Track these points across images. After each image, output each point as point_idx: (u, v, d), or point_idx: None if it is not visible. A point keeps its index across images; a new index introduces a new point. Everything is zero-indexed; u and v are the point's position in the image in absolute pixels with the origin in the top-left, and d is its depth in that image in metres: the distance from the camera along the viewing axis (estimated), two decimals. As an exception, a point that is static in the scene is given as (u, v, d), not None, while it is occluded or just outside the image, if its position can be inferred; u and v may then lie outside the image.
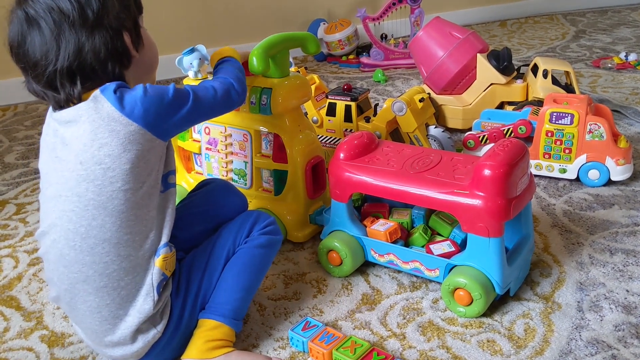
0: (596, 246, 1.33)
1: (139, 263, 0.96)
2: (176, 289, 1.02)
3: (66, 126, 0.95)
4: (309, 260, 1.34)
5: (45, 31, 0.92)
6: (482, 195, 1.07)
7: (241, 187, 1.45)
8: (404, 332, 1.11)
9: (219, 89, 1.06)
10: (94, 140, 0.91)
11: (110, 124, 0.91)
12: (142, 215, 0.95)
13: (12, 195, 1.74)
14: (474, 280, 1.09)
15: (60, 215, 0.94)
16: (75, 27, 0.92)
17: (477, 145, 1.73)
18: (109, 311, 0.96)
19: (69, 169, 0.93)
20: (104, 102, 0.92)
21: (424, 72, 2.02)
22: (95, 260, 0.94)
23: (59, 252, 0.95)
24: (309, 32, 1.51)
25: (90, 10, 0.92)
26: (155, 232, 0.97)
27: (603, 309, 1.14)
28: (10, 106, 2.59)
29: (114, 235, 0.93)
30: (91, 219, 0.92)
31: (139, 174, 0.93)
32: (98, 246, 0.93)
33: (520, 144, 1.13)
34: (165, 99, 0.96)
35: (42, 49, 0.92)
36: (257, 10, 3.03)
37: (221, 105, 1.08)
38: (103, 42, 0.93)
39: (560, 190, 1.59)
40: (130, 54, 0.98)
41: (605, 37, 3.19)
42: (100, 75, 0.95)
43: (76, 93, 0.94)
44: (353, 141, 1.27)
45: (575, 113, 1.54)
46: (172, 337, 1.02)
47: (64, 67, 0.92)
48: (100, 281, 0.94)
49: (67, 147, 0.94)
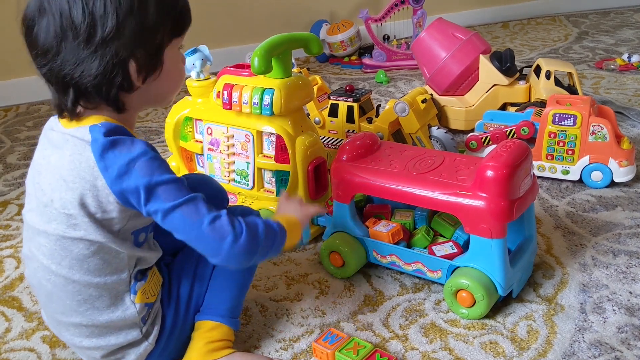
0: (599, 248, 1.33)
1: (115, 302, 0.92)
2: (167, 296, 1.00)
3: (54, 150, 0.90)
4: (311, 261, 1.34)
5: (51, 29, 0.84)
6: (485, 196, 1.07)
7: (243, 187, 1.44)
8: (407, 334, 1.10)
9: (216, 228, 0.87)
10: (65, 181, 0.86)
11: (82, 170, 0.86)
12: (111, 261, 0.90)
13: (14, 196, 1.74)
14: (477, 282, 1.09)
15: (37, 246, 0.91)
16: (78, 40, 0.83)
17: (479, 147, 1.72)
18: (89, 341, 0.94)
19: (43, 203, 0.89)
20: (86, 146, 0.86)
21: (426, 73, 2.02)
22: (68, 297, 0.91)
23: (38, 281, 0.93)
24: (312, 33, 1.51)
25: (102, 29, 0.82)
26: (128, 273, 0.92)
27: (606, 310, 1.13)
28: (12, 107, 2.59)
29: (82, 278, 0.89)
30: (60, 259, 0.89)
31: (103, 229, 0.88)
32: (69, 285, 0.90)
33: (523, 145, 1.13)
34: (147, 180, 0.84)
35: (45, 43, 0.85)
36: (260, 11, 3.03)
37: (204, 236, 0.87)
38: (103, 65, 0.84)
39: (563, 191, 1.59)
40: (132, 83, 0.87)
41: (608, 38, 3.18)
42: (94, 96, 0.87)
43: (69, 104, 0.87)
44: (355, 142, 1.27)
45: (578, 114, 1.53)
46: (167, 344, 1.00)
47: (59, 73, 0.85)
48: (75, 317, 0.92)
49: (49, 173, 0.89)
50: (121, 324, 0.93)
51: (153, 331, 0.97)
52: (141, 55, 0.86)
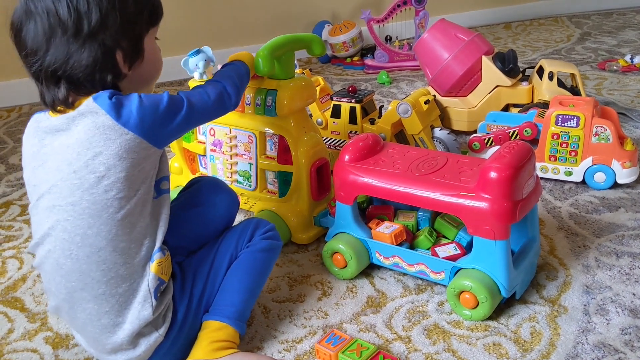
0: (602, 249, 1.33)
1: (135, 270, 0.95)
2: (180, 292, 1.02)
3: (56, 135, 0.94)
4: (314, 263, 1.34)
5: (39, 29, 0.91)
6: (488, 197, 1.07)
7: (246, 188, 1.44)
8: (410, 335, 1.10)
9: (211, 93, 1.06)
10: (88, 148, 0.91)
11: (105, 133, 0.91)
12: (137, 223, 0.95)
13: (17, 197, 1.74)
14: (480, 283, 1.09)
15: (54, 225, 0.93)
16: (67, 35, 0.91)
17: (482, 148, 1.72)
18: (108, 318, 0.95)
19: (61, 179, 0.92)
20: (98, 111, 0.92)
21: (429, 74, 2.02)
22: (92, 268, 0.93)
23: (54, 262, 0.95)
24: (314, 34, 1.51)
25: (88, 22, 0.91)
26: (150, 239, 0.97)
27: (610, 312, 1.13)
28: (14, 107, 2.60)
29: (109, 243, 0.92)
30: (86, 228, 0.92)
31: (134, 182, 0.93)
32: (94, 254, 0.92)
33: (527, 146, 1.12)
34: (159, 107, 0.95)
35: (34, 43, 0.92)
36: (262, 12, 3.03)
37: (214, 109, 1.07)
38: (92, 56, 0.92)
39: (566, 193, 1.58)
40: (120, 71, 0.96)
41: (610, 39, 3.18)
42: (87, 85, 0.94)
43: (61, 96, 0.93)
44: (358, 143, 1.27)
45: (581, 115, 1.53)
46: (176, 340, 1.01)
47: (49, 69, 0.92)
48: (98, 289, 0.94)
49: (58, 156, 0.93)
50: (137, 294, 0.95)
51: (164, 323, 0.99)
52: (125, 45, 0.96)
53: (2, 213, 1.65)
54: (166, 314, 0.99)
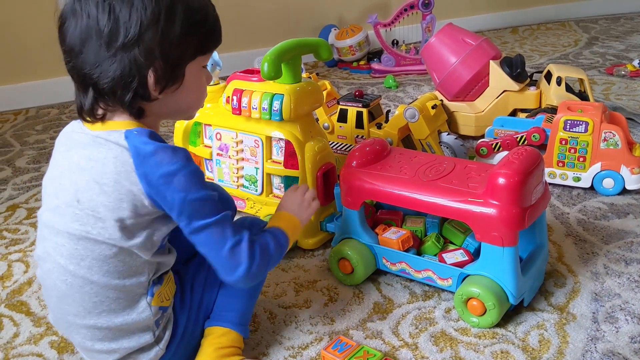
0: (611, 256, 1.31)
1: (131, 305, 0.92)
2: (180, 303, 1.00)
3: (78, 150, 0.91)
4: (320, 268, 1.33)
5: (77, 29, 0.87)
6: (497, 204, 1.06)
7: (252, 193, 1.44)
8: (416, 342, 1.09)
9: (235, 255, 0.91)
10: (97, 182, 0.87)
11: (118, 175, 0.87)
12: (132, 263, 0.91)
13: (23, 200, 1.74)
14: (488, 290, 1.08)
15: (54, 246, 0.91)
16: (100, 42, 0.85)
17: (489, 153, 1.71)
18: (102, 345, 0.93)
19: (65, 203, 0.90)
20: (123, 151, 0.87)
21: (436, 79, 2.01)
22: (84, 299, 0.90)
23: (52, 282, 0.93)
24: (320, 38, 1.51)
25: (124, 34, 0.85)
26: (147, 276, 0.93)
27: (619, 320, 1.12)
28: (21, 110, 2.60)
29: (101, 279, 0.89)
30: (79, 259, 0.89)
31: (131, 231, 0.89)
32: (86, 286, 0.90)
33: (536, 152, 1.12)
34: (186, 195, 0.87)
35: (70, 41, 0.88)
36: (269, 15, 3.03)
37: (215, 260, 0.93)
38: (120, 69, 0.86)
39: (574, 198, 1.57)
40: (148, 92, 0.89)
41: (618, 44, 3.16)
42: (109, 98, 0.88)
43: (87, 104, 0.89)
44: (365, 148, 1.26)
45: (589, 121, 1.52)
46: (177, 350, 1.00)
47: (80, 72, 0.88)
48: (89, 319, 0.92)
49: (72, 175, 0.90)
50: (135, 326, 0.93)
51: (164, 336, 0.97)
52: (160, 66, 0.88)
53: (8, 216, 1.65)
54: (166, 327, 0.98)
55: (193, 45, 0.91)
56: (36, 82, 2.64)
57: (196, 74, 0.94)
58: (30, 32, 2.55)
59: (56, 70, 2.63)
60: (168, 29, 0.87)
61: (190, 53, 0.91)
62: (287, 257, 1.37)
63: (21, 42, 2.57)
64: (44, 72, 2.64)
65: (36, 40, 2.57)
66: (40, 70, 2.63)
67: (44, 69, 2.63)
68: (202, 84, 0.98)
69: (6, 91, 2.61)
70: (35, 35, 2.56)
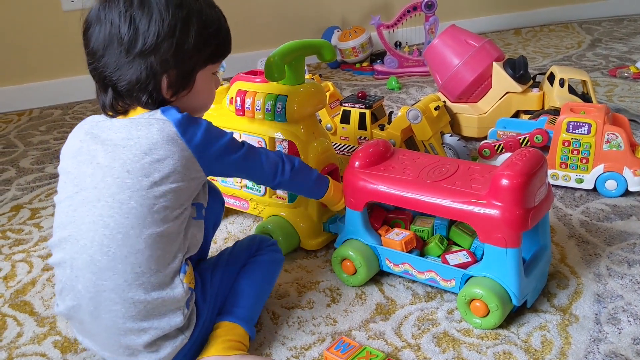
0: (614, 258, 1.31)
1: (165, 280, 0.96)
2: (202, 295, 1.04)
3: (111, 135, 0.98)
4: (322, 269, 1.33)
5: (100, 35, 0.97)
6: (500, 205, 1.06)
7: (255, 194, 1.44)
8: (419, 343, 1.09)
9: (270, 159, 1.12)
10: (147, 154, 0.94)
11: (169, 143, 0.95)
12: (175, 235, 0.97)
13: (27, 200, 1.75)
14: (491, 292, 1.08)
15: (96, 219, 0.94)
16: (121, 48, 0.95)
17: (492, 154, 1.71)
18: (133, 322, 0.95)
19: (112, 175, 0.94)
20: (165, 122, 0.96)
21: (439, 80, 2.01)
22: (126, 269, 0.93)
23: (89, 257, 0.94)
24: (323, 39, 1.51)
25: (142, 42, 0.95)
26: (181, 254, 0.98)
27: (621, 321, 1.12)
28: (25, 111, 2.61)
29: (147, 248, 0.93)
30: (129, 227, 0.93)
31: (180, 197, 0.96)
32: (132, 255, 0.93)
33: (539, 153, 1.12)
34: (223, 140, 1.01)
35: (94, 46, 0.98)
36: (272, 17, 3.04)
37: (261, 172, 1.11)
38: (137, 74, 0.96)
39: (577, 200, 1.57)
40: (162, 95, 0.99)
41: (621, 46, 3.16)
42: (126, 99, 0.99)
43: (107, 102, 0.99)
44: (368, 149, 1.26)
45: (592, 122, 1.52)
46: (195, 341, 1.03)
47: (101, 74, 0.98)
48: (129, 291, 0.94)
49: (111, 154, 0.96)
50: (169, 303, 0.96)
51: (189, 326, 1.00)
52: (173, 73, 0.98)
53: (12, 216, 1.66)
54: (191, 317, 1.01)
55: (205, 55, 1.02)
56: (40, 83, 2.65)
57: (206, 80, 1.05)
58: (34, 33, 2.56)
59: (60, 71, 2.66)
60: (182, 41, 0.97)
61: (201, 62, 1.02)
62: (290, 257, 1.37)
63: (25, 43, 2.57)
64: (48, 73, 2.65)
65: (40, 41, 2.58)
66: (43, 71, 2.64)
67: (48, 69, 2.64)
68: (212, 89, 1.08)
69: (10, 92, 2.62)
70: (39, 36, 2.57)
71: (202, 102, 1.07)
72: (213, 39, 1.02)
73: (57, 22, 2.56)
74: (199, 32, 0.99)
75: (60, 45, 2.57)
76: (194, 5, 0.99)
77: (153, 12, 0.95)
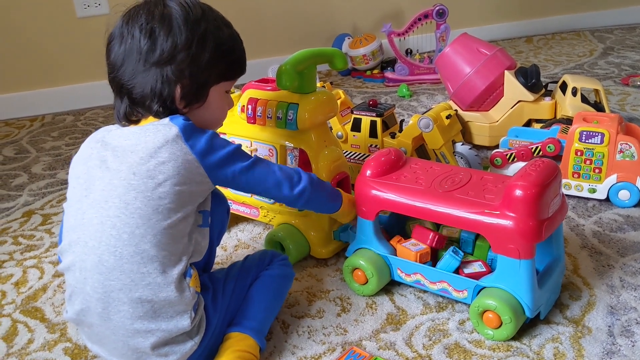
0: (627, 269, 1.30)
1: (172, 282, 0.97)
2: (213, 303, 1.05)
3: (121, 142, 1.01)
4: (333, 278, 1.33)
5: (122, 48, 1.02)
6: (513, 216, 1.05)
7: (265, 201, 1.44)
8: (430, 354, 1.09)
9: (278, 175, 1.11)
10: (152, 157, 0.97)
11: (172, 147, 0.98)
12: (179, 238, 0.98)
13: (39, 206, 1.75)
14: (504, 303, 1.07)
15: (104, 220, 0.96)
16: (139, 57, 1.01)
17: (504, 163, 1.70)
18: (141, 324, 0.96)
19: (119, 178, 0.97)
20: (171, 127, 0.99)
21: (450, 88, 2.01)
22: (133, 269, 0.95)
23: (97, 258, 0.96)
24: (334, 46, 1.51)
25: (160, 52, 1.00)
26: (186, 258, 1.00)
27: (635, 334, 1.11)
28: (37, 117, 2.62)
29: (152, 248, 0.95)
30: (135, 227, 0.95)
31: (184, 200, 0.98)
32: (138, 255, 0.95)
33: (553, 164, 1.11)
34: (227, 148, 1.03)
35: (115, 58, 1.03)
36: (283, 24, 3.04)
37: (271, 186, 1.10)
38: (152, 82, 1.01)
39: (589, 210, 1.56)
40: (175, 105, 1.03)
41: (634, 54, 3.14)
42: (140, 106, 1.03)
43: (122, 111, 1.04)
44: (380, 158, 1.26)
45: (605, 132, 1.51)
46: (204, 350, 1.03)
47: (119, 82, 1.03)
48: (135, 291, 0.95)
49: (119, 158, 0.99)
50: (176, 304, 0.97)
51: (199, 333, 1.01)
52: (187, 83, 1.03)
53: (24, 222, 1.66)
54: (200, 324, 1.02)
55: (218, 71, 1.07)
56: (52, 89, 2.67)
57: (219, 97, 1.10)
58: (47, 39, 2.58)
59: (72, 77, 2.68)
60: (198, 54, 1.02)
61: (215, 77, 1.07)
62: (300, 266, 1.37)
63: (38, 49, 2.59)
64: (60, 79, 2.66)
65: (53, 47, 2.59)
66: (56, 77, 2.65)
67: (60, 75, 2.65)
68: (224, 107, 1.13)
69: (22, 97, 2.63)
70: (51, 42, 2.58)
71: (214, 117, 1.11)
72: (228, 56, 1.08)
73: (71, 29, 2.58)
74: (214, 47, 1.04)
75: (74, 51, 2.59)
76: (212, 23, 1.05)
77: (172, 26, 1.01)
